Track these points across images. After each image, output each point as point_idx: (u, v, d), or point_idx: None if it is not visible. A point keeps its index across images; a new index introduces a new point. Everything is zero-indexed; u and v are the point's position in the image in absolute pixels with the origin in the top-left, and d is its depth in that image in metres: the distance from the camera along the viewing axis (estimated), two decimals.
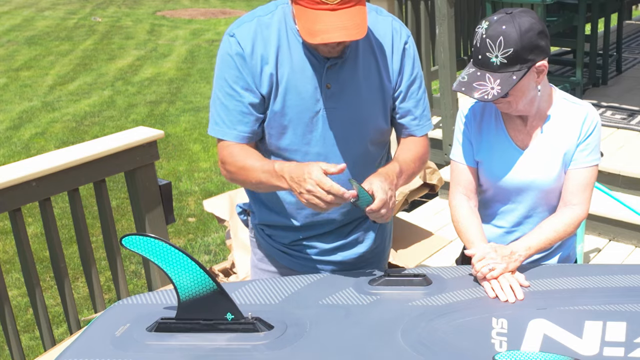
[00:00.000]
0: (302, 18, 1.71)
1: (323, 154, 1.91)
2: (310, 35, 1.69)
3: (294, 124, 1.88)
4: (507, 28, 1.76)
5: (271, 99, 1.87)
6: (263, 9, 1.90)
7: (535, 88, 1.86)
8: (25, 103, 8.60)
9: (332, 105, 1.88)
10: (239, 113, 1.88)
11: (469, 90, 1.81)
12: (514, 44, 1.76)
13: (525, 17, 1.78)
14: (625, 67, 6.11)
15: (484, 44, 1.79)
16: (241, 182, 1.95)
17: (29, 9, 15.29)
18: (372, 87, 1.91)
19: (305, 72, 1.85)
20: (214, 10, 15.02)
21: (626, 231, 3.97)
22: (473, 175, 2.04)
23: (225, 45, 1.88)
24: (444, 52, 4.55)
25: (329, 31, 1.67)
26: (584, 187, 1.95)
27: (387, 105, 1.95)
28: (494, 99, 1.78)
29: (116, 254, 3.20)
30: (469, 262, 1.87)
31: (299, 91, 1.85)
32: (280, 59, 1.85)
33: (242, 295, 1.80)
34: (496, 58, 1.78)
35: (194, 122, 7.75)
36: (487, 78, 1.80)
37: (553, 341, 1.56)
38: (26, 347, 3.81)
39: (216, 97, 1.91)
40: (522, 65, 1.78)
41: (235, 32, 1.86)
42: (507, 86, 1.78)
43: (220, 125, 1.91)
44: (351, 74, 1.87)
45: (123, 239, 1.62)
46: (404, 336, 1.58)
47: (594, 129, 1.93)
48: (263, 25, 1.86)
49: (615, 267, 2.00)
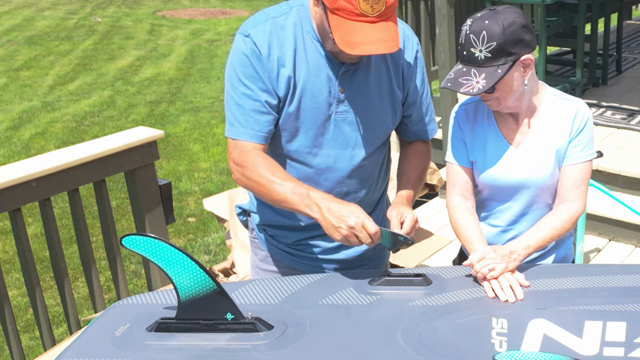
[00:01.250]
0: (340, 29, 1.71)
1: (333, 156, 1.94)
2: (349, 46, 1.70)
3: (306, 126, 1.89)
4: (489, 23, 1.79)
5: (287, 101, 1.86)
6: (276, 9, 1.89)
7: (523, 83, 1.87)
8: (25, 103, 8.60)
9: (344, 110, 1.90)
10: (255, 112, 1.85)
11: (455, 86, 1.82)
12: (497, 38, 1.78)
13: (508, 12, 1.81)
14: (625, 67, 6.11)
15: (467, 39, 1.81)
16: (257, 192, 1.89)
17: (29, 9, 15.29)
18: (383, 93, 1.94)
19: (320, 75, 1.86)
20: (214, 10, 15.02)
21: (626, 231, 3.97)
22: (469, 175, 2.04)
23: (239, 45, 1.86)
24: (444, 52, 4.55)
25: (369, 43, 1.69)
26: (579, 183, 1.96)
27: (395, 111, 1.99)
28: (480, 92, 1.79)
29: (116, 254, 3.20)
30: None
31: (314, 94, 1.86)
32: (297, 61, 1.85)
33: (242, 295, 1.80)
34: (480, 52, 1.80)
35: (194, 122, 7.75)
36: (473, 73, 1.82)
37: (553, 341, 1.56)
38: (26, 347, 3.81)
39: (230, 98, 1.88)
40: (506, 59, 1.80)
41: (250, 32, 1.84)
42: (492, 79, 1.79)
43: (235, 126, 1.88)
44: (364, 79, 1.90)
45: (123, 239, 1.61)
46: (404, 336, 1.58)
47: (585, 124, 1.93)
48: (278, 27, 1.85)
49: (615, 267, 2.00)
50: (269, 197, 1.85)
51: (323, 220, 1.74)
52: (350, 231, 1.71)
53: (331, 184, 1.96)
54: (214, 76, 9.68)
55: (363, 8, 1.67)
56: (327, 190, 1.94)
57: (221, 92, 8.87)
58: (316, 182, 1.95)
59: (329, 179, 1.96)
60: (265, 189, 1.84)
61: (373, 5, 1.67)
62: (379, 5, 1.67)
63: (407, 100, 2.00)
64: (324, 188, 1.95)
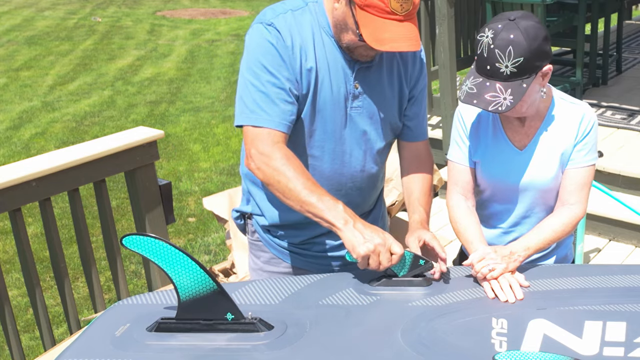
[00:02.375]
0: (369, 25, 1.74)
1: (348, 152, 1.96)
2: (379, 42, 1.73)
3: (325, 120, 1.91)
4: (515, 37, 1.74)
5: (309, 93, 1.87)
6: (293, 3, 1.90)
7: (539, 91, 1.86)
8: (25, 103, 8.60)
9: (359, 105, 1.92)
10: (281, 101, 1.82)
11: (481, 103, 1.78)
12: (525, 53, 1.74)
13: (529, 23, 1.76)
14: (625, 67, 6.11)
15: (492, 54, 1.75)
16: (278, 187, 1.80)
17: (29, 9, 15.29)
18: (393, 90, 1.97)
19: (337, 71, 1.88)
20: (214, 10, 15.02)
21: (626, 231, 3.97)
22: (471, 175, 2.04)
23: (262, 33, 1.83)
24: (444, 52, 4.55)
25: (397, 40, 1.73)
26: (581, 186, 1.95)
27: (402, 106, 2.03)
28: (508, 109, 1.76)
29: (116, 254, 3.20)
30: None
31: (332, 89, 1.89)
32: (318, 55, 1.86)
33: (242, 295, 1.80)
34: (506, 68, 1.75)
35: (194, 122, 7.75)
36: (498, 89, 1.77)
37: (553, 341, 1.56)
38: (26, 347, 3.81)
39: (251, 85, 1.84)
40: (531, 73, 1.77)
41: (273, 21, 1.84)
42: (518, 95, 1.76)
43: (258, 113, 1.82)
44: (377, 76, 1.93)
45: (123, 238, 1.61)
46: (404, 336, 1.58)
47: (591, 128, 1.93)
48: (297, 20, 1.86)
49: (615, 267, 2.00)
50: (293, 196, 1.78)
51: (350, 234, 1.71)
52: (377, 247, 1.69)
53: (345, 179, 1.98)
54: (214, 76, 9.68)
55: (393, 6, 1.71)
56: (339, 184, 1.97)
57: (221, 92, 8.87)
58: (328, 176, 1.96)
59: (344, 173, 1.98)
60: (291, 187, 1.77)
61: (402, 4, 1.71)
62: (407, 5, 1.72)
63: (412, 97, 2.03)
64: (336, 182, 1.97)
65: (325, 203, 1.75)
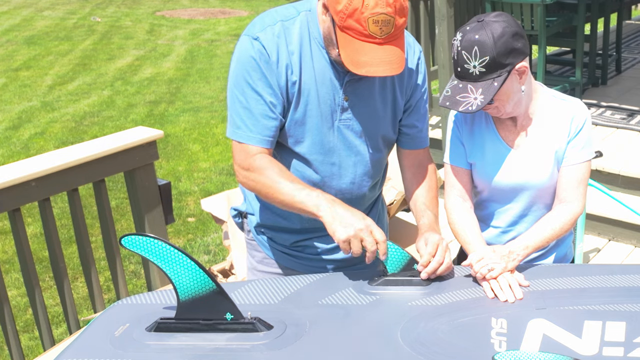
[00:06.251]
0: (347, 47, 1.71)
1: (337, 164, 1.94)
2: (355, 65, 1.71)
3: (312, 133, 1.89)
4: (480, 37, 1.76)
5: (293, 106, 1.86)
6: (284, 12, 1.88)
7: (520, 90, 1.87)
8: (24, 103, 8.60)
9: (348, 117, 1.90)
10: (263, 117, 1.84)
11: (453, 104, 1.82)
12: (490, 52, 1.76)
13: (496, 22, 1.78)
14: (625, 67, 6.11)
15: (460, 55, 1.80)
16: (264, 194, 1.87)
17: (29, 9, 15.29)
18: (386, 101, 1.94)
19: (325, 83, 1.86)
20: (214, 10, 15.02)
21: (626, 231, 3.97)
22: (467, 177, 2.04)
23: (247, 47, 1.84)
24: (444, 52, 4.55)
25: (375, 64, 1.70)
26: (578, 183, 1.96)
27: (396, 118, 2.00)
28: (478, 109, 1.79)
29: (116, 254, 3.20)
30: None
31: (319, 102, 1.86)
32: (304, 67, 1.84)
33: (241, 295, 1.79)
34: (474, 68, 1.78)
35: (193, 122, 7.75)
36: (469, 89, 1.80)
37: (552, 341, 1.56)
38: (26, 347, 3.81)
39: (237, 100, 1.87)
40: (501, 71, 1.79)
41: (259, 35, 1.83)
42: (489, 94, 1.78)
43: (242, 129, 1.86)
44: (368, 88, 1.90)
45: (122, 239, 1.61)
46: (403, 336, 1.58)
47: (583, 125, 1.93)
48: (286, 31, 1.84)
49: (615, 267, 2.00)
50: (276, 198, 1.84)
51: (331, 219, 1.73)
52: (357, 232, 1.71)
53: (334, 191, 1.95)
54: (214, 76, 9.68)
55: (372, 30, 1.67)
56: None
57: (221, 92, 8.86)
58: (320, 188, 1.94)
59: (332, 186, 1.96)
60: (272, 190, 1.83)
61: (382, 28, 1.68)
62: (388, 28, 1.68)
63: (408, 107, 2.01)
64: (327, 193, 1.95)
65: (305, 194, 1.78)
